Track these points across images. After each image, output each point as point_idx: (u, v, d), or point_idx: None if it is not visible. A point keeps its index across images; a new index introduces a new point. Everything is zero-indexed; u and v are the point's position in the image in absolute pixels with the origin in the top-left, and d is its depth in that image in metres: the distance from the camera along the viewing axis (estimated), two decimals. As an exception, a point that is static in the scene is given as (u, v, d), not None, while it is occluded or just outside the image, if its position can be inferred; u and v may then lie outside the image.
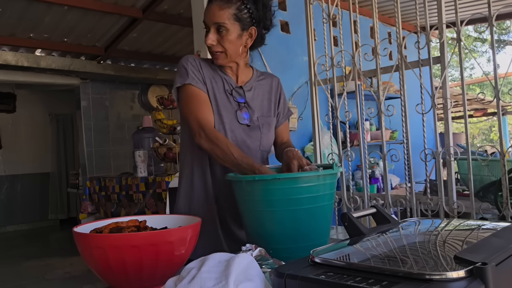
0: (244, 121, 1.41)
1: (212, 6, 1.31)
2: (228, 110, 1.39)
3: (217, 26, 1.31)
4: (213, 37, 1.31)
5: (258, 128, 1.43)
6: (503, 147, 1.55)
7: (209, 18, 1.31)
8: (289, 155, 1.26)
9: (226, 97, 1.40)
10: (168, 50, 5.93)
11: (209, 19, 1.32)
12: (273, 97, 1.51)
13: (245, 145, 1.39)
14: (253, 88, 1.46)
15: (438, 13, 1.69)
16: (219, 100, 1.39)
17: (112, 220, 1.07)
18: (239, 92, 1.42)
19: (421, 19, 1.76)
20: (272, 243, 1.06)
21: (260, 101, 1.47)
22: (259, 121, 1.44)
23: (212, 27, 1.31)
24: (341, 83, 2.02)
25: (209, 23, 1.32)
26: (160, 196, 3.04)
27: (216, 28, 1.31)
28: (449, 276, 0.56)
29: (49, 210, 7.72)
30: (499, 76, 1.54)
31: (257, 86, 1.47)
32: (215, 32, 1.31)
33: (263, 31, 1.39)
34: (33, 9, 4.30)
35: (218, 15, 1.29)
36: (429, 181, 1.76)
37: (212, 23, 1.31)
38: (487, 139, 14.15)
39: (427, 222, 0.95)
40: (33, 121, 7.63)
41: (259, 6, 1.34)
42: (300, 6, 2.24)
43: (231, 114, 1.39)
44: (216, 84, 1.40)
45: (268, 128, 1.46)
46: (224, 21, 1.30)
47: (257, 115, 1.44)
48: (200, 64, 1.39)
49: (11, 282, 4.34)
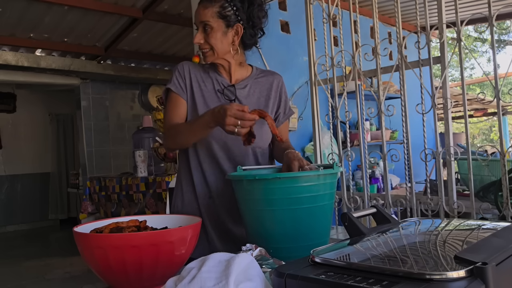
0: None
1: (198, 6, 1.37)
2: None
3: (203, 25, 1.36)
4: (200, 35, 1.37)
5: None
6: (503, 147, 1.55)
7: (196, 18, 1.38)
8: (289, 156, 1.27)
9: (217, 96, 1.43)
10: (168, 50, 5.93)
11: (196, 19, 1.38)
12: (272, 95, 1.51)
13: (235, 143, 1.40)
14: (249, 86, 1.47)
15: (438, 13, 1.69)
16: (209, 99, 1.42)
17: (112, 220, 1.07)
18: (231, 90, 1.44)
19: (421, 19, 1.76)
20: (272, 242, 1.06)
21: (256, 98, 1.47)
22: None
23: (199, 26, 1.37)
24: (341, 83, 2.02)
25: (197, 23, 1.38)
26: (160, 196, 3.04)
27: (203, 27, 1.36)
28: (449, 276, 0.56)
29: (49, 210, 7.72)
30: (499, 76, 1.54)
31: (254, 83, 1.48)
32: (202, 31, 1.37)
33: (252, 29, 1.40)
34: (33, 9, 4.30)
35: (203, 14, 1.35)
36: (429, 181, 1.76)
37: (199, 22, 1.37)
38: (487, 139, 14.14)
39: (427, 222, 0.95)
40: (33, 121, 7.64)
41: (245, 4, 1.37)
42: (300, 6, 2.24)
43: None
44: (205, 86, 1.44)
45: (261, 125, 1.45)
46: (208, 20, 1.35)
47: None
48: (189, 70, 1.46)
49: (11, 282, 4.35)
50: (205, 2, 1.35)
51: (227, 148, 1.41)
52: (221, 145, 1.41)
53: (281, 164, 1.34)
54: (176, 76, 1.45)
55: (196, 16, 1.38)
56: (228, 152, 1.41)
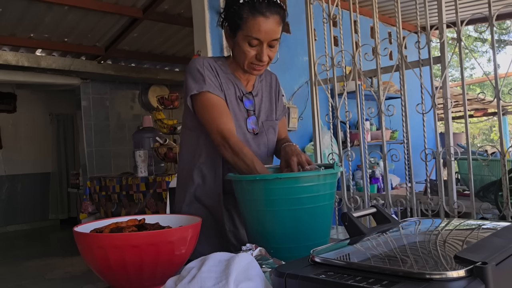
0: (252, 128, 1.40)
1: (269, 21, 1.22)
2: (238, 118, 1.37)
3: (272, 41, 1.25)
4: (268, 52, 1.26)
5: (264, 134, 1.41)
6: (503, 147, 1.55)
7: (267, 35, 1.23)
8: (287, 150, 1.24)
9: (237, 104, 1.37)
10: (169, 50, 5.93)
11: (267, 36, 1.24)
12: (273, 96, 1.49)
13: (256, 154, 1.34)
14: (259, 92, 1.44)
15: (439, 13, 1.69)
16: (231, 107, 1.35)
17: (112, 221, 1.08)
18: (249, 98, 1.40)
19: (421, 19, 1.76)
20: (272, 242, 1.07)
21: (268, 103, 1.45)
22: (264, 126, 1.42)
23: (266, 42, 1.25)
24: (342, 83, 2.02)
25: (266, 39, 1.24)
26: (160, 196, 3.05)
27: (269, 43, 1.26)
28: (449, 275, 0.56)
29: (50, 210, 7.72)
30: (499, 76, 1.54)
31: (260, 88, 1.45)
32: (268, 47, 1.26)
33: None
34: (33, 9, 4.30)
35: (277, 31, 1.25)
36: (429, 181, 1.76)
37: (271, 39, 1.25)
38: (487, 139, 14.14)
39: (427, 222, 0.95)
40: (34, 121, 7.64)
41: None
42: (300, 6, 2.24)
43: (242, 122, 1.37)
44: (228, 90, 1.36)
45: (274, 133, 1.45)
46: (279, 36, 1.27)
47: (262, 120, 1.42)
48: (216, 69, 1.34)
49: (11, 282, 4.35)
50: (277, 17, 1.23)
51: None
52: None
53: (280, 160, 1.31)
54: (209, 75, 1.30)
55: (267, 32, 1.23)
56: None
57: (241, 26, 1.24)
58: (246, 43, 1.26)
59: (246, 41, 1.25)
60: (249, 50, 1.26)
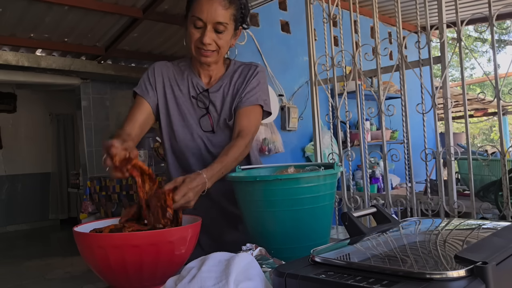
0: (209, 128, 1.38)
1: (215, 3, 1.26)
2: (189, 118, 1.38)
3: (217, 25, 1.27)
4: (212, 35, 1.28)
5: (223, 133, 1.38)
6: (503, 147, 1.55)
7: (210, 15, 1.26)
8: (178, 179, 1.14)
9: (191, 102, 1.39)
10: (169, 50, 5.92)
11: (210, 17, 1.26)
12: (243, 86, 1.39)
13: (211, 154, 1.36)
14: (223, 86, 1.39)
15: (439, 13, 1.69)
16: (184, 106, 1.38)
17: (112, 221, 1.08)
18: (205, 96, 1.38)
19: (421, 19, 1.76)
20: (273, 243, 1.06)
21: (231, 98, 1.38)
22: (225, 124, 1.38)
23: (210, 25, 1.27)
24: (342, 83, 2.02)
25: (209, 20, 1.26)
26: (160, 196, 3.04)
27: (214, 26, 1.27)
28: (449, 275, 0.56)
29: (50, 210, 7.72)
30: (499, 76, 1.54)
31: (228, 82, 1.40)
32: (212, 31, 1.28)
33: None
34: (33, 9, 4.30)
35: (222, 14, 1.26)
36: (429, 181, 1.76)
37: (214, 21, 1.26)
38: (487, 139, 14.14)
39: (428, 221, 0.95)
40: (34, 121, 7.64)
41: (247, 7, 1.36)
42: (301, 6, 2.24)
43: (193, 121, 1.38)
44: (180, 90, 1.39)
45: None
46: (226, 21, 1.28)
47: (224, 117, 1.38)
48: (161, 72, 1.42)
49: (11, 282, 4.35)
50: (226, 2, 1.27)
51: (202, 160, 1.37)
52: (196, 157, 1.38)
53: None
54: (144, 79, 1.42)
55: (210, 13, 1.26)
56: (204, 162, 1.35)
57: (190, 8, 1.31)
58: (192, 25, 1.30)
59: (192, 22, 1.30)
60: (193, 32, 1.31)
